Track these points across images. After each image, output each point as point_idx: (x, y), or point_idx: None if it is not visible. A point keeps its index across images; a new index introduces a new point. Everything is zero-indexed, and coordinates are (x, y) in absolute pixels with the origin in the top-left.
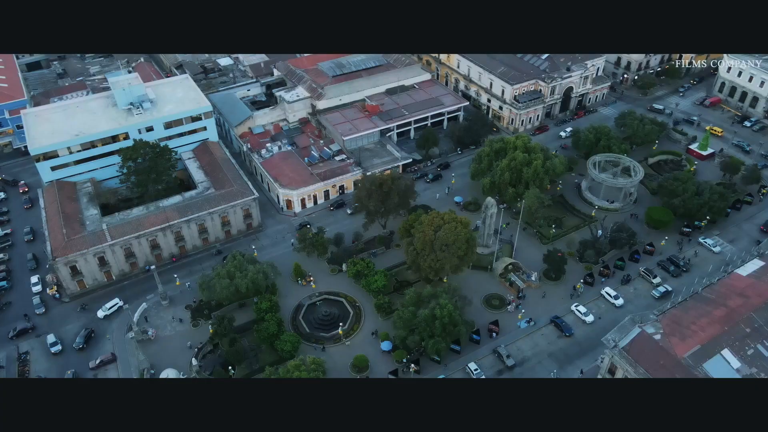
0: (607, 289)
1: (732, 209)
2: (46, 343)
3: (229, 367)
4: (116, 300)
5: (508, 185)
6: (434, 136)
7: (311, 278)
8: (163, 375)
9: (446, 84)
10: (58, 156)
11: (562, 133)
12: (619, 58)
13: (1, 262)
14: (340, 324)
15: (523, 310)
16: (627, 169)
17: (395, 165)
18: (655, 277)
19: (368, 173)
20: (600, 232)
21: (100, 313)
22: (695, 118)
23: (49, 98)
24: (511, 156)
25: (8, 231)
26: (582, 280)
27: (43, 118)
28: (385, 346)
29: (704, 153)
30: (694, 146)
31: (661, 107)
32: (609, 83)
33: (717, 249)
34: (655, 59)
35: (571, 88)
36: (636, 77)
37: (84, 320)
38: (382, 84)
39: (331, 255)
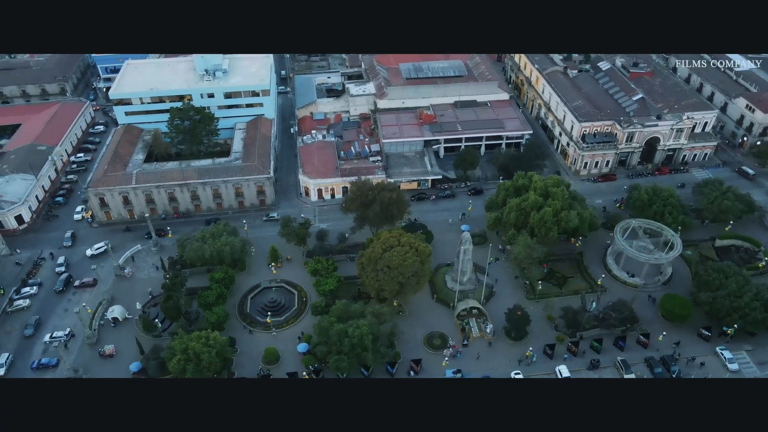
0: (563, 367)
1: None
2: (57, 261)
3: (156, 320)
4: (103, 243)
5: (512, 226)
6: (474, 157)
7: (280, 264)
8: (110, 309)
9: (531, 109)
10: (131, 103)
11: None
12: (742, 116)
13: (68, 182)
14: (269, 314)
15: (447, 359)
16: (667, 244)
17: (423, 178)
18: (630, 372)
19: (389, 180)
20: (594, 305)
21: (88, 252)
22: None
23: (177, 56)
24: (524, 196)
25: (88, 158)
26: (531, 348)
27: (138, 70)
28: (302, 347)
29: None
30: None
31: (751, 172)
32: (715, 142)
33: (733, 366)
34: None
35: (657, 139)
36: (758, 142)
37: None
38: (452, 95)
39: (312, 248)
